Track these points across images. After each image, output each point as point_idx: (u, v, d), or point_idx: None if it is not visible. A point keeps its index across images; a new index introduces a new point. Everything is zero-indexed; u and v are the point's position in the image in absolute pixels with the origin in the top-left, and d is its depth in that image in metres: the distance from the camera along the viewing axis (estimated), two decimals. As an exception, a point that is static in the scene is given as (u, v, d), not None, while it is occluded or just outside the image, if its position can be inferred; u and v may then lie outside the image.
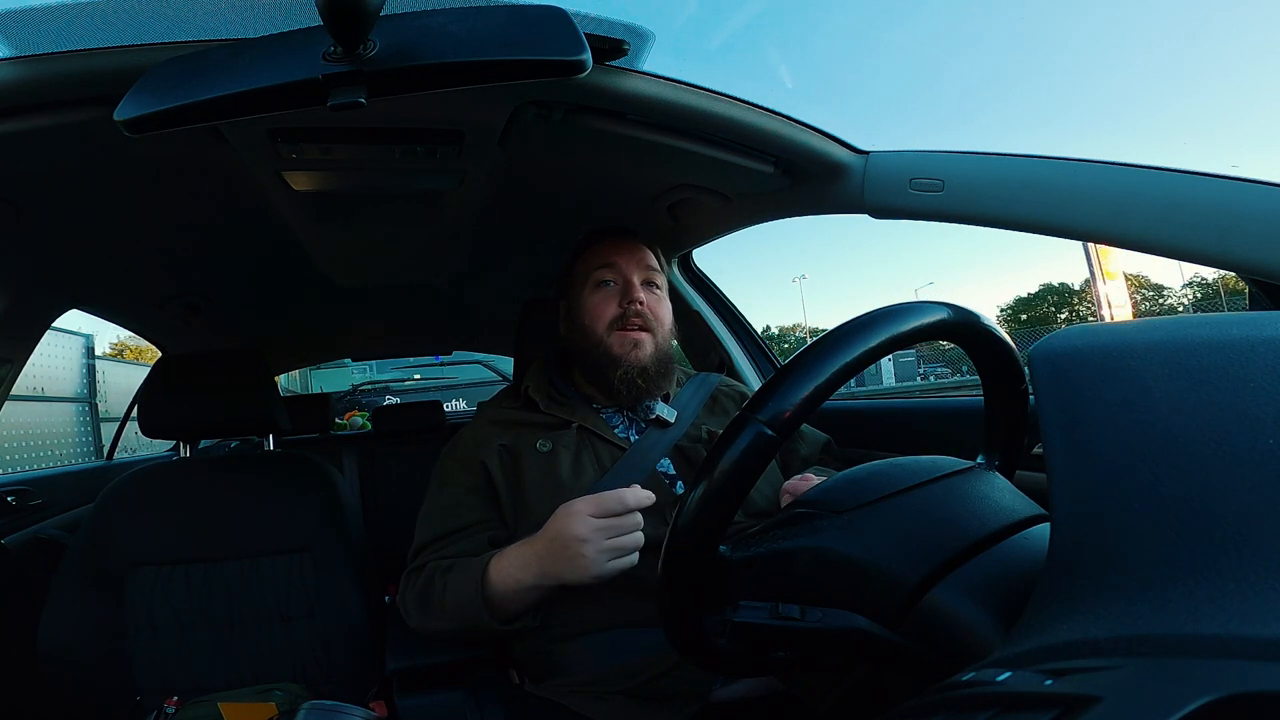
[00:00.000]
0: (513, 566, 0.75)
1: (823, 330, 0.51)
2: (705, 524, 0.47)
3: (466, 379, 4.06)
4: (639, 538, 0.71)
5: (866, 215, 0.90)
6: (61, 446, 5.01)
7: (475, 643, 0.82)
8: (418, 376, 4.31)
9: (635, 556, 0.71)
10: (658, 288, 0.95)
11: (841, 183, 0.90)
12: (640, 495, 0.70)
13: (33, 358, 1.28)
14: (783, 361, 0.72)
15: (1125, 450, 0.32)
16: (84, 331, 5.53)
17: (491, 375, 3.59)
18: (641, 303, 0.90)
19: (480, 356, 3.51)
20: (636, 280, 0.91)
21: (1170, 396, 0.32)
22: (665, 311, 0.94)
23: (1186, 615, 0.27)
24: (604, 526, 0.70)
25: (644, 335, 0.90)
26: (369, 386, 4.25)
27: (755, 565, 0.51)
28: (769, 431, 0.44)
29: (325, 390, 3.88)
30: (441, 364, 3.80)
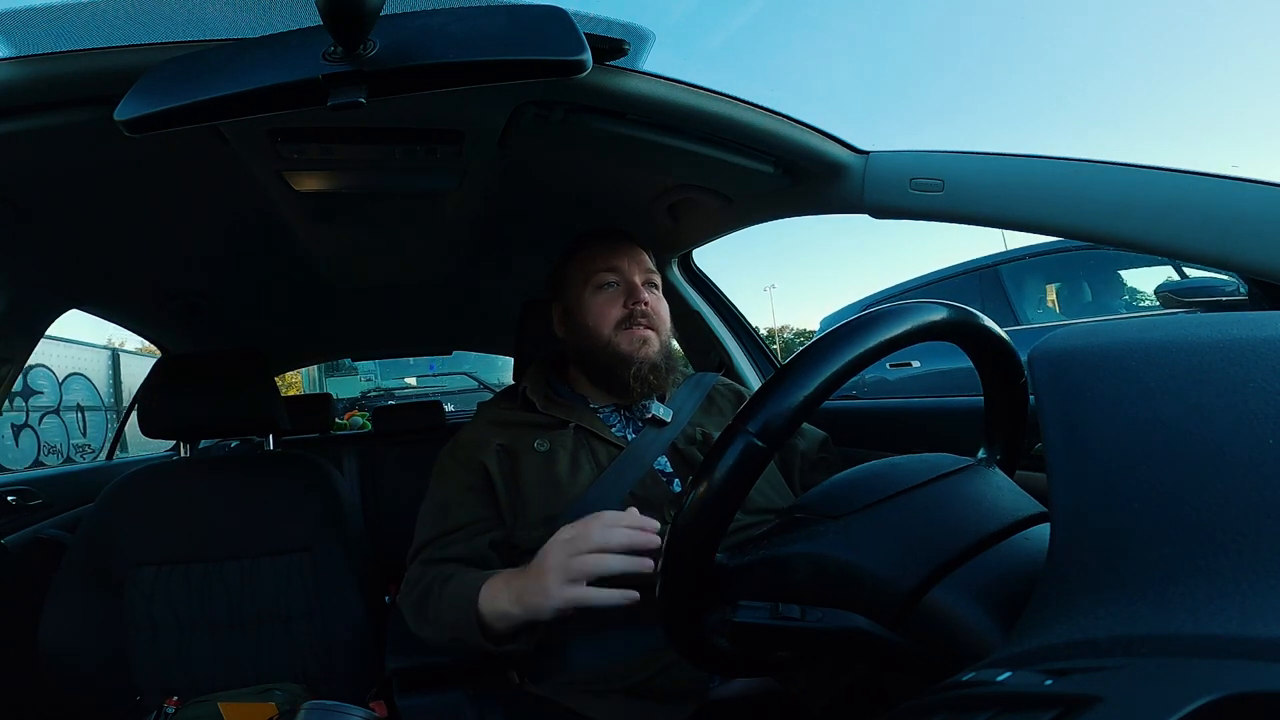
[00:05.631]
0: (498, 593, 0.72)
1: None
2: (700, 536, 0.46)
3: (458, 387, 4.67)
4: (606, 563, 0.62)
5: (866, 215, 0.91)
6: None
7: (470, 652, 0.82)
8: (413, 381, 5.07)
9: (596, 595, 0.63)
10: (656, 287, 0.96)
11: (841, 183, 0.90)
12: (631, 517, 0.64)
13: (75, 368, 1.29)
14: (782, 362, 0.72)
15: (1125, 450, 0.32)
16: (110, 345, 6.31)
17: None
18: (646, 303, 0.91)
19: (468, 367, 4.27)
20: (639, 281, 0.92)
21: (1170, 396, 0.32)
22: (666, 310, 0.96)
23: (1186, 615, 0.27)
24: (569, 539, 0.64)
25: (650, 333, 0.91)
26: (375, 393, 4.97)
27: (753, 572, 0.51)
28: (759, 443, 0.44)
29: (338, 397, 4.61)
30: (435, 375, 4.91)
